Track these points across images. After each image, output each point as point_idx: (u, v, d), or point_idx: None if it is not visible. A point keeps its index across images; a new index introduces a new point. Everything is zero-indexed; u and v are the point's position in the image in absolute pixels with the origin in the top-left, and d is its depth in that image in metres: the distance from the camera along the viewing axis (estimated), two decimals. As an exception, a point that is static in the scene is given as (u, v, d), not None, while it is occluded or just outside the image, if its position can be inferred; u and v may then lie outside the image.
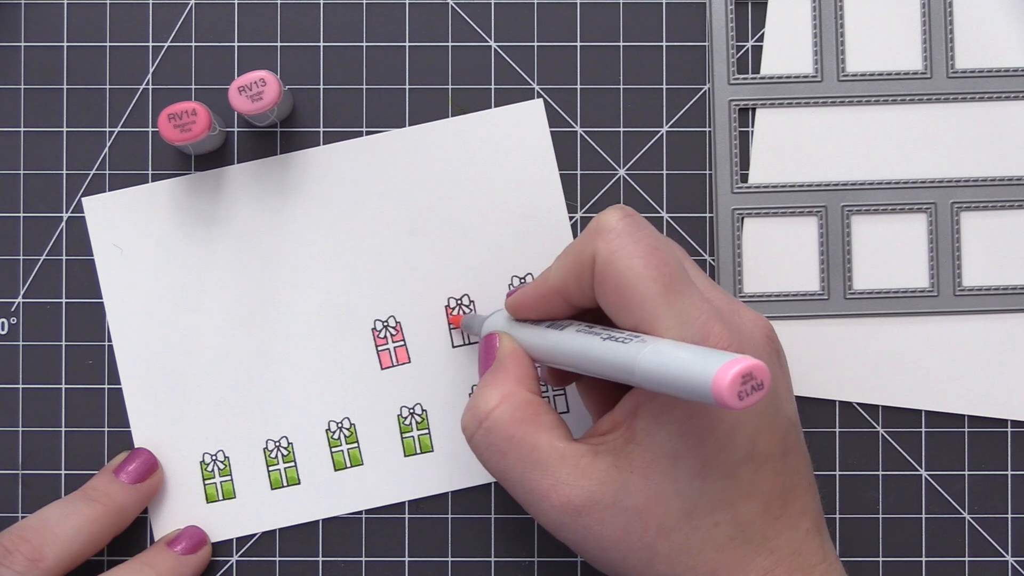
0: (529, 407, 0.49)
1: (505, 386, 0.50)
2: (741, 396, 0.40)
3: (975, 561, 0.59)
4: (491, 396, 0.50)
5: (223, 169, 0.59)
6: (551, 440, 0.48)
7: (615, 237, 0.47)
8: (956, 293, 0.59)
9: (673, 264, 0.47)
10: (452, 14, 0.59)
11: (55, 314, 0.59)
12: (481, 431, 0.49)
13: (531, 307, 0.52)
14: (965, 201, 0.59)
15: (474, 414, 0.50)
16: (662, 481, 0.46)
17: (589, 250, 0.48)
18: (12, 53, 0.59)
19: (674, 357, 0.42)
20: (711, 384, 0.40)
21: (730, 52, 0.59)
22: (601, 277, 0.47)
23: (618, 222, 0.47)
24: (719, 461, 0.46)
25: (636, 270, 0.46)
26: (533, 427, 0.49)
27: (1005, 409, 0.59)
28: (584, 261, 0.48)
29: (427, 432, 0.59)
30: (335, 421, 0.59)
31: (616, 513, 0.47)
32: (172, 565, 0.56)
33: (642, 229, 0.48)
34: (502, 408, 0.49)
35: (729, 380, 0.39)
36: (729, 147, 0.59)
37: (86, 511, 0.55)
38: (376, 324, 0.59)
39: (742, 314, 0.49)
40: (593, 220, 0.48)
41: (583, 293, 0.49)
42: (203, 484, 0.59)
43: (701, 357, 0.41)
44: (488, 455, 0.49)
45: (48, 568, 0.53)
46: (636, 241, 0.47)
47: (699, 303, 0.46)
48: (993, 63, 0.59)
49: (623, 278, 0.46)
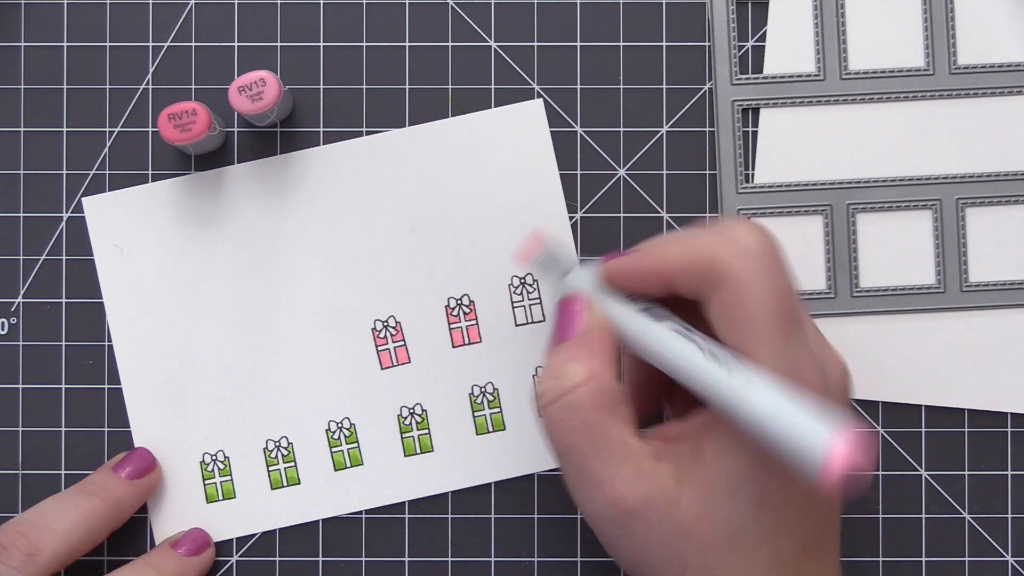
0: (612, 395, 0.48)
1: (593, 364, 0.48)
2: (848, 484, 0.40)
3: (975, 561, 0.59)
4: (577, 371, 0.48)
5: (223, 169, 0.59)
6: (622, 434, 0.47)
7: (753, 261, 0.46)
8: (963, 289, 0.59)
9: (797, 308, 0.46)
10: (452, 14, 0.59)
11: (55, 314, 0.59)
12: (559, 404, 0.48)
13: (633, 281, 0.50)
14: (970, 197, 0.59)
15: (557, 384, 0.48)
16: (718, 504, 0.46)
17: (713, 255, 0.47)
18: (12, 53, 0.59)
19: (784, 416, 0.42)
20: (819, 471, 0.40)
21: (732, 52, 0.59)
22: (727, 295, 0.46)
23: (756, 245, 0.47)
24: (777, 497, 0.46)
25: (766, 303, 0.46)
26: (610, 416, 0.48)
27: (1015, 404, 0.58)
28: (705, 263, 0.47)
29: (427, 432, 0.59)
30: (335, 421, 0.59)
31: (662, 523, 0.46)
32: (175, 566, 0.56)
33: (779, 258, 0.47)
34: (587, 388, 0.48)
35: (838, 473, 0.40)
36: (733, 148, 0.59)
37: (83, 505, 0.55)
38: (376, 324, 0.59)
39: (827, 355, 0.49)
40: (725, 227, 0.48)
41: (690, 289, 0.48)
42: (203, 484, 0.59)
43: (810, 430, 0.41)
44: (558, 428, 0.48)
45: (45, 562, 0.53)
46: (773, 273, 0.46)
47: (811, 349, 0.46)
48: (995, 59, 0.59)
49: (749, 306, 0.46)
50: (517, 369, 0.59)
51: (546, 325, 0.59)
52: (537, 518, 0.59)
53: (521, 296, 0.59)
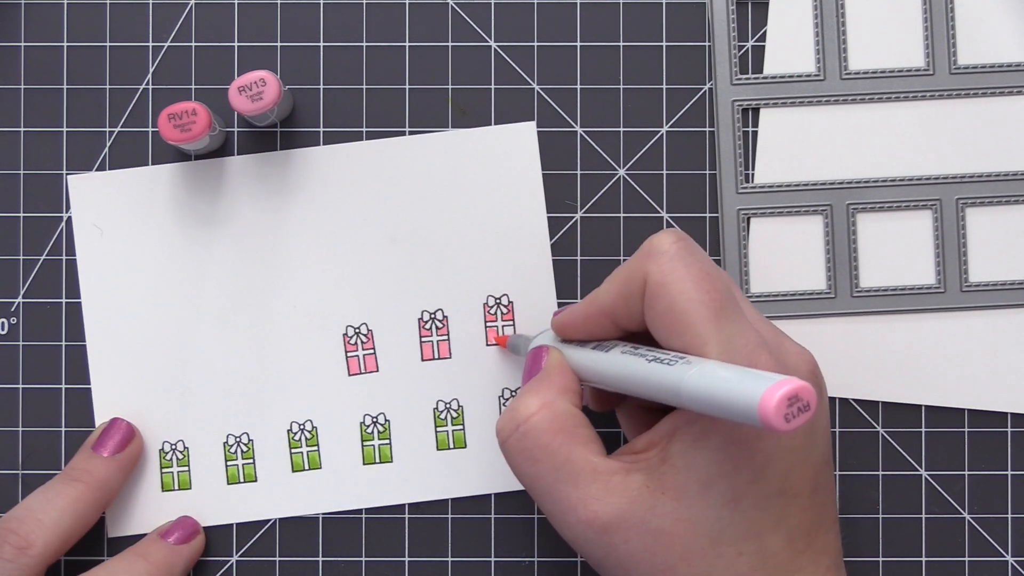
0: (568, 418, 0.49)
1: (547, 395, 0.50)
2: (788, 418, 0.39)
3: (975, 561, 0.59)
4: (531, 403, 0.49)
5: (210, 160, 0.59)
6: (586, 454, 0.48)
7: (668, 260, 0.47)
8: (963, 289, 0.59)
9: (724, 291, 0.47)
10: (452, 14, 0.59)
11: (55, 314, 0.59)
12: (517, 435, 0.49)
13: (578, 327, 0.52)
14: (970, 197, 0.59)
15: (512, 417, 0.49)
16: (692, 505, 0.46)
17: (640, 272, 0.48)
18: (12, 53, 0.59)
19: (721, 378, 0.42)
20: (758, 405, 0.39)
21: (732, 52, 0.59)
22: (652, 299, 0.47)
23: (671, 245, 0.48)
24: (751, 491, 0.46)
25: (687, 294, 0.46)
26: (570, 438, 0.48)
27: (1015, 404, 0.58)
28: (635, 283, 0.48)
29: (388, 442, 0.59)
30: (297, 422, 0.59)
31: (642, 533, 0.46)
32: (165, 555, 0.57)
33: (694, 254, 0.48)
34: (541, 415, 0.49)
35: (776, 401, 0.39)
36: (733, 148, 0.59)
37: (68, 492, 0.55)
38: (348, 330, 0.59)
39: (787, 346, 0.49)
40: (645, 242, 0.48)
41: (632, 315, 0.49)
42: (160, 472, 0.59)
43: (748, 378, 0.41)
44: (520, 460, 0.49)
45: (38, 554, 0.53)
46: (688, 265, 0.47)
47: (748, 331, 0.46)
48: (995, 59, 0.59)
49: (674, 301, 0.46)
50: (484, 388, 0.59)
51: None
52: (537, 518, 0.59)
53: (495, 316, 0.59)
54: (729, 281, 0.50)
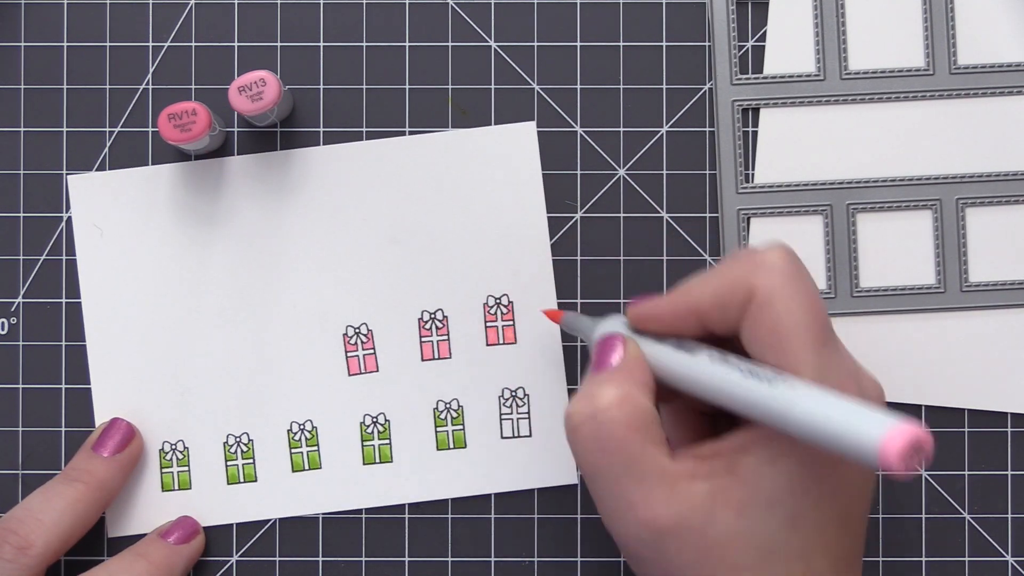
0: (646, 415, 0.48)
1: (627, 387, 0.48)
2: (907, 465, 0.40)
3: (975, 561, 0.59)
4: (611, 393, 0.48)
5: (210, 160, 0.59)
6: (656, 454, 0.47)
7: (779, 276, 0.47)
8: (963, 289, 0.59)
9: (827, 319, 0.47)
10: (452, 14, 0.59)
11: (55, 314, 0.59)
12: (592, 423, 0.48)
13: (662, 321, 0.50)
14: (970, 197, 0.59)
15: (589, 403, 0.48)
16: (753, 522, 0.46)
17: (746, 282, 0.47)
18: (12, 53, 0.59)
19: (835, 408, 0.42)
20: (879, 447, 0.39)
21: (732, 52, 0.59)
22: (757, 313, 0.47)
23: (784, 262, 0.47)
24: (812, 515, 0.46)
25: (796, 316, 0.46)
26: (645, 436, 0.47)
27: (1015, 404, 0.58)
28: (738, 292, 0.47)
29: (388, 442, 0.59)
30: (297, 422, 0.59)
31: (697, 541, 0.46)
32: (165, 555, 0.57)
33: (805, 277, 0.47)
34: (620, 408, 0.48)
35: (900, 447, 0.39)
36: (733, 148, 0.59)
37: (68, 493, 0.55)
38: (348, 330, 0.59)
39: (862, 375, 0.49)
40: (750, 253, 0.48)
41: (726, 321, 0.48)
42: (160, 472, 0.59)
43: (865, 416, 0.41)
44: (590, 449, 0.48)
45: (38, 554, 0.53)
46: (799, 286, 0.47)
47: (846, 362, 0.47)
48: (995, 59, 0.59)
49: (781, 321, 0.46)
50: (484, 388, 0.59)
51: (517, 347, 0.59)
52: (537, 518, 0.59)
53: (495, 316, 0.59)
54: (826, 309, 0.50)
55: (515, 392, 0.59)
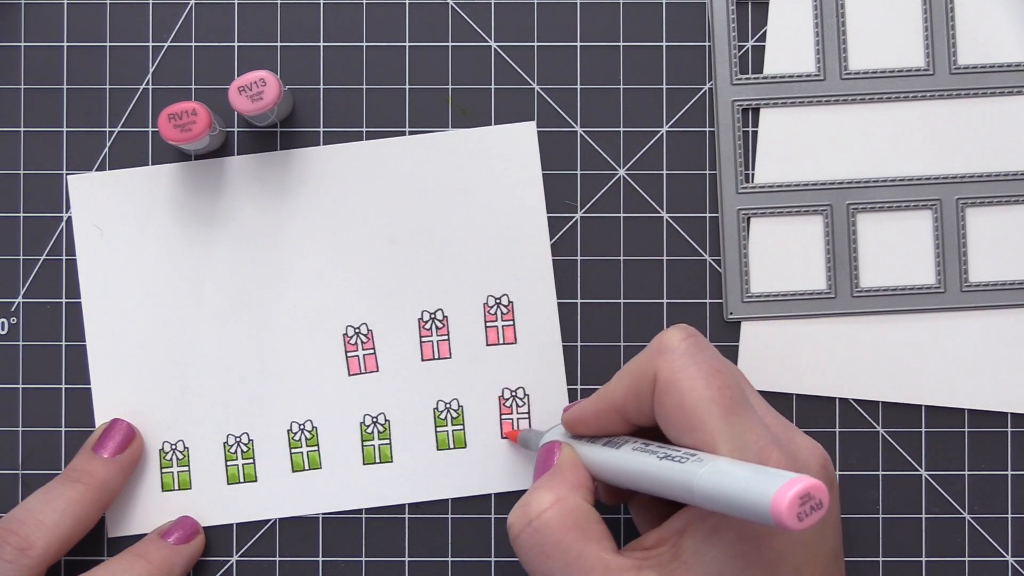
0: (581, 514, 0.49)
1: (560, 490, 0.50)
2: (800, 517, 0.40)
3: (975, 561, 0.59)
4: (544, 498, 0.49)
5: (210, 160, 0.59)
6: (598, 551, 0.48)
7: (678, 357, 0.48)
8: (963, 289, 0.59)
9: (734, 387, 0.47)
10: (452, 14, 0.59)
11: (55, 314, 0.59)
12: (529, 530, 0.49)
13: (589, 423, 0.52)
14: (970, 197, 0.59)
15: (524, 512, 0.49)
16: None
17: (650, 369, 0.48)
18: (12, 53, 0.59)
19: (732, 476, 0.42)
20: (771, 504, 0.40)
21: (732, 52, 0.59)
22: (662, 396, 0.48)
23: (680, 342, 0.48)
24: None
25: (698, 391, 0.47)
26: (582, 535, 0.48)
27: (1015, 404, 0.58)
28: (645, 379, 0.48)
29: (388, 442, 0.59)
30: (297, 422, 0.59)
31: None
32: (164, 555, 0.57)
33: (704, 351, 0.48)
34: (554, 511, 0.49)
35: (788, 501, 0.39)
36: (733, 148, 0.59)
37: (68, 494, 0.55)
38: (348, 330, 0.59)
39: (798, 440, 0.49)
40: (655, 339, 0.49)
41: (642, 411, 0.49)
42: (160, 472, 0.59)
43: (760, 476, 0.41)
44: (532, 555, 0.49)
45: (39, 554, 0.53)
46: (698, 362, 0.47)
47: (758, 428, 0.47)
48: (995, 58, 0.59)
49: (685, 398, 0.47)
50: (484, 388, 0.59)
51: (517, 347, 0.59)
52: (537, 518, 0.59)
53: (495, 316, 0.59)
54: (740, 376, 0.51)
55: (515, 392, 0.59)
